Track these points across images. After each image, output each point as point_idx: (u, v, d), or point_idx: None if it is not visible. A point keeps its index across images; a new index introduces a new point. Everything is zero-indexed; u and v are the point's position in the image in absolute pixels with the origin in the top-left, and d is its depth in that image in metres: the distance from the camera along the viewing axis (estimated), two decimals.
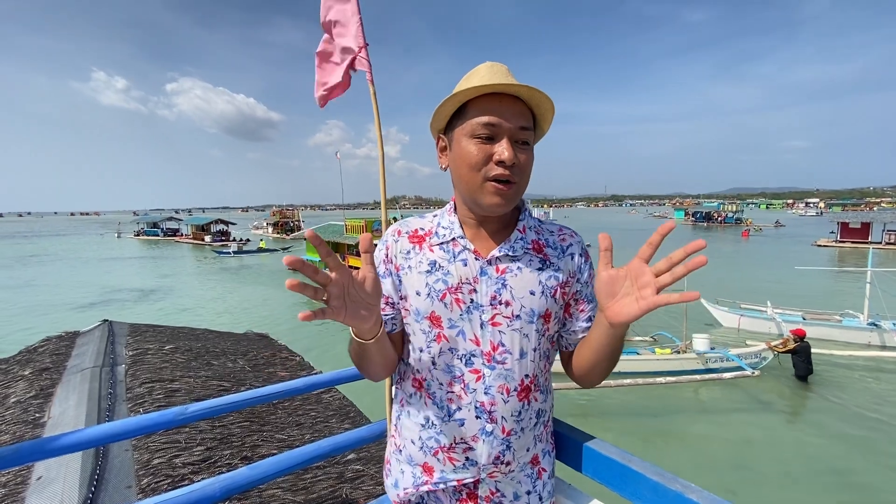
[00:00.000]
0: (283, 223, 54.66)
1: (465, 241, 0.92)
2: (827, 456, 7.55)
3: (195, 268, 30.82)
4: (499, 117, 0.83)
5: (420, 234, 0.96)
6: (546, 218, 6.14)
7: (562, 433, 1.13)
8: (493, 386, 0.90)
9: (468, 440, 0.91)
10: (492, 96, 0.85)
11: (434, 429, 0.93)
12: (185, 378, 2.76)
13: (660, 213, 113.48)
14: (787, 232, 52.18)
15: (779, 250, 34.28)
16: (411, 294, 0.93)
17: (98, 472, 1.87)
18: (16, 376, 2.62)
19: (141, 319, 16.29)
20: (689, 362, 10.27)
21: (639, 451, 7.61)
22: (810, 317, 13.13)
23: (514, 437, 0.92)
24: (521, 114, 0.85)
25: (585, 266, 0.98)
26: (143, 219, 62.87)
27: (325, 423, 2.74)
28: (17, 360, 2.90)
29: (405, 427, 0.99)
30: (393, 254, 0.95)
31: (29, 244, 54.78)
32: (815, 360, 10.36)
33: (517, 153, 0.84)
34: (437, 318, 0.90)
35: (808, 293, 18.74)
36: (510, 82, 0.82)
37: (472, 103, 0.86)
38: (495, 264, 0.91)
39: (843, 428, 8.36)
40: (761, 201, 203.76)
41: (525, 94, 0.84)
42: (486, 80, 0.85)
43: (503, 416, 0.90)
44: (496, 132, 0.84)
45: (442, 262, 0.92)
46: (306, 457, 1.56)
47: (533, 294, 0.91)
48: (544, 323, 0.93)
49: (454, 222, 0.95)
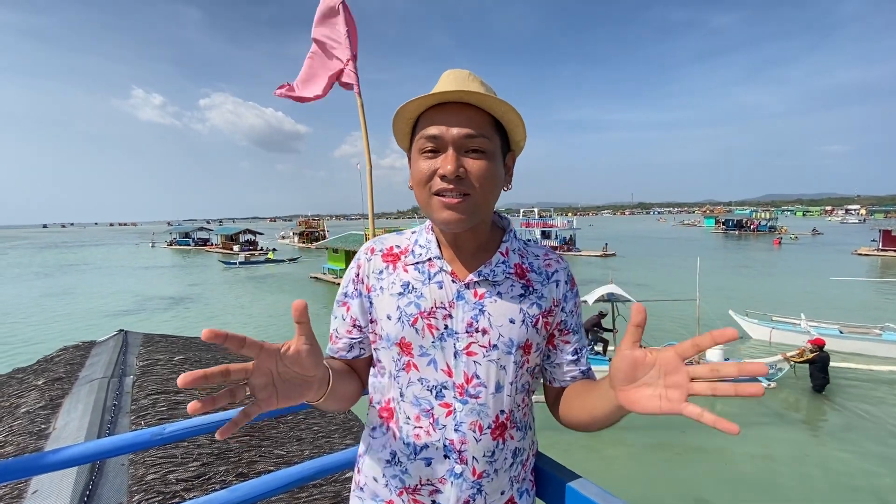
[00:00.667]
0: (308, 233, 55.90)
1: (442, 262, 0.86)
2: (853, 472, 7.20)
3: (222, 277, 31.76)
4: (441, 128, 0.78)
5: (395, 253, 0.90)
6: (570, 227, 5.89)
7: (543, 469, 1.04)
8: (465, 422, 0.83)
9: (435, 482, 0.83)
10: (438, 107, 0.79)
11: (399, 466, 0.85)
12: (191, 390, 2.76)
13: (690, 221, 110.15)
14: (825, 240, 49.94)
15: (815, 259, 32.82)
16: (382, 318, 0.86)
17: (91, 488, 1.87)
18: (29, 386, 2.68)
19: (167, 327, 16.86)
20: None
21: (657, 465, 7.61)
22: (847, 330, 12.41)
23: (485, 479, 0.84)
24: (470, 120, 0.78)
25: (571, 294, 0.91)
26: (176, 229, 65.39)
27: (327, 439, 2.69)
28: (34, 370, 2.98)
29: (369, 463, 0.91)
30: (365, 273, 0.89)
31: (70, 253, 57.76)
32: (852, 375, 10.05)
33: (465, 162, 0.78)
34: (408, 345, 0.84)
35: (846, 305, 17.74)
36: (456, 89, 0.76)
37: (423, 116, 0.81)
38: (473, 288, 0.84)
39: (868, 444, 7.96)
40: (797, 208, 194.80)
41: (474, 99, 0.77)
42: (438, 90, 0.79)
43: (474, 457, 0.83)
44: (440, 144, 0.78)
45: (416, 284, 0.85)
46: (302, 475, 1.50)
47: (513, 322, 0.84)
48: (524, 354, 0.85)
49: (431, 241, 0.88)
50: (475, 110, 0.79)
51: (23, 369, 3.08)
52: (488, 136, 0.79)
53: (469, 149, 0.78)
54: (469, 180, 0.78)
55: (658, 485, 7.10)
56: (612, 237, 52.13)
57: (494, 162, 0.81)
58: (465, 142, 0.78)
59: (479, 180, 0.79)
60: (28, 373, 2.96)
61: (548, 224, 43.16)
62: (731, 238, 56.61)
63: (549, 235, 42.23)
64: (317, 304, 20.14)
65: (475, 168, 0.78)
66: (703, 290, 21.01)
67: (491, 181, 0.80)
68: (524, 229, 44.25)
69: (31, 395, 2.57)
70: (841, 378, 10.45)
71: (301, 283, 28.02)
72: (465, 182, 0.78)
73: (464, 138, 0.77)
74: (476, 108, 0.79)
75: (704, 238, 57.85)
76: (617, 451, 8.10)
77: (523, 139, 0.87)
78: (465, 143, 0.78)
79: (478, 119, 0.79)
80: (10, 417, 2.37)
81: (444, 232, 0.87)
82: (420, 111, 0.81)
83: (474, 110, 0.79)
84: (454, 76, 0.82)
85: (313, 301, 21.88)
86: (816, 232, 58.69)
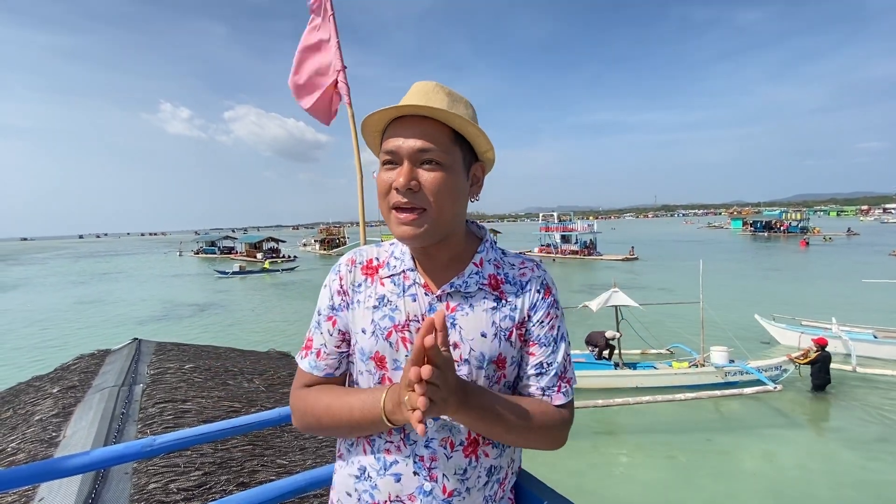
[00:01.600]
0: (329, 240, 56.71)
1: (416, 275, 0.86)
2: (855, 470, 7.16)
3: (244, 284, 32.52)
4: (396, 142, 0.79)
5: (374, 265, 0.90)
6: (590, 230, 5.81)
7: (524, 488, 1.00)
8: (436, 439, 0.81)
9: (404, 498, 0.82)
10: (399, 120, 0.81)
11: (369, 481, 0.84)
12: (198, 398, 2.80)
13: (717, 224, 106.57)
14: (861, 241, 47.61)
15: (849, 261, 31.24)
16: (357, 332, 0.86)
17: (93, 496, 1.90)
18: (45, 394, 2.77)
19: (190, 334, 17.27)
20: (707, 376, 9.85)
21: (666, 470, 7.49)
22: (883, 335, 11.77)
23: (456, 497, 0.82)
24: (425, 134, 0.78)
25: (543, 303, 0.87)
26: (203, 238, 67.86)
27: (331, 449, 2.68)
28: (50, 378, 3.07)
29: (340, 480, 0.90)
30: (347, 285, 0.89)
31: (104, 262, 60.20)
32: (888, 382, 9.80)
33: (420, 175, 0.78)
34: (382, 359, 0.83)
35: (881, 309, 16.79)
36: (414, 104, 0.77)
37: (387, 129, 0.83)
38: (446, 300, 0.84)
39: (870, 441, 7.89)
40: (831, 208, 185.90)
41: (427, 112, 0.78)
42: (402, 103, 0.81)
43: (444, 474, 0.81)
44: (396, 157, 0.79)
45: (391, 297, 0.85)
46: (300, 485, 1.49)
47: (484, 336, 0.82)
48: (497, 369, 0.84)
49: (406, 253, 0.89)
50: (433, 123, 0.79)
51: (40, 377, 3.19)
52: (444, 149, 0.79)
53: (424, 160, 0.78)
54: (423, 193, 0.78)
55: (659, 490, 7.01)
56: (635, 241, 51.11)
57: (452, 174, 0.80)
58: (419, 154, 0.78)
59: (433, 193, 0.78)
60: (45, 381, 3.06)
61: (567, 228, 42.28)
62: (759, 240, 54.72)
63: (568, 239, 41.41)
64: None
65: (429, 180, 0.78)
66: (729, 294, 20.36)
67: (447, 193, 0.79)
68: (544, 234, 43.79)
69: (46, 402, 2.65)
70: (874, 386, 10.06)
71: (315, 288, 28.63)
72: (419, 195, 0.78)
73: (418, 151, 0.78)
74: (435, 120, 0.79)
75: (731, 240, 56.01)
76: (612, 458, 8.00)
77: (489, 150, 0.86)
78: (420, 156, 0.78)
79: (434, 132, 0.79)
80: (24, 425, 2.45)
81: None
82: (384, 124, 0.83)
83: (432, 123, 0.79)
84: (420, 88, 0.83)
85: None
86: (852, 233, 56.01)
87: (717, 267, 29.98)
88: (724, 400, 9.38)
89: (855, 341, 11.38)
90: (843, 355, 11.50)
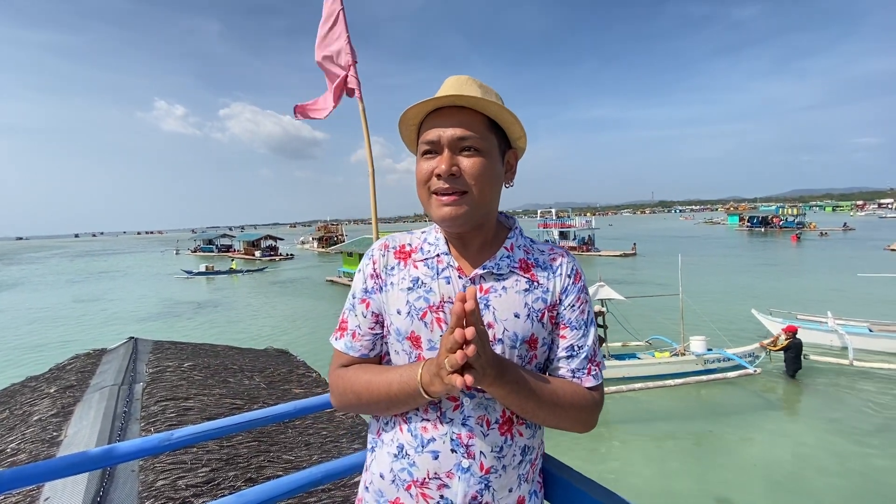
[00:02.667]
0: (327, 238, 56.47)
1: (450, 258, 0.89)
2: (825, 448, 7.82)
3: (241, 282, 32.38)
4: (436, 132, 0.83)
5: (406, 250, 0.93)
6: (588, 227, 5.93)
7: (550, 471, 1.00)
8: (472, 416, 0.83)
9: (442, 476, 0.83)
10: (436, 112, 0.85)
11: (407, 459, 0.85)
12: (200, 396, 2.78)
13: (714, 220, 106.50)
14: (856, 235, 48.14)
15: (844, 256, 31.59)
16: (392, 312, 0.89)
17: (102, 494, 1.87)
18: (42, 394, 2.73)
19: (188, 332, 17.25)
20: (688, 364, 10.57)
21: (658, 454, 7.91)
22: (878, 328, 11.91)
23: (493, 475, 0.84)
24: (462, 123, 0.83)
25: (573, 288, 0.91)
26: (200, 236, 67.25)
27: (336, 443, 2.67)
28: (46, 378, 3.03)
29: (377, 459, 0.91)
30: (380, 268, 0.92)
31: (101, 261, 59.67)
32: (885, 375, 10.15)
33: (460, 161, 0.83)
34: (417, 339, 0.86)
35: (876, 302, 17.05)
36: (454, 94, 0.81)
37: (424, 122, 0.87)
38: (479, 283, 0.87)
39: (840, 422, 8.62)
40: (827, 203, 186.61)
41: (465, 102, 0.82)
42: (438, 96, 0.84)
43: (482, 451, 0.83)
44: (437, 146, 0.84)
45: (425, 280, 0.88)
46: (310, 479, 1.47)
47: (517, 317, 0.85)
48: (529, 349, 0.87)
49: (440, 238, 0.92)
50: (469, 112, 0.83)
51: (35, 377, 3.14)
52: (482, 136, 0.83)
53: (463, 147, 0.83)
54: (464, 178, 0.82)
55: (653, 474, 7.38)
56: (633, 237, 51.29)
57: (490, 159, 0.84)
58: (458, 142, 0.82)
59: (473, 177, 0.82)
60: (41, 381, 3.02)
61: (566, 225, 42.41)
62: (755, 235, 55.14)
63: (567, 236, 41.54)
64: (336, 305, 21.19)
65: (469, 165, 0.82)
66: (726, 289, 20.63)
67: (486, 177, 0.84)
68: (542, 230, 43.80)
69: (44, 402, 2.61)
70: (870, 378, 10.28)
71: (318, 286, 28.88)
72: (459, 180, 0.82)
73: (457, 139, 0.82)
74: (471, 110, 0.84)
75: (728, 236, 56.44)
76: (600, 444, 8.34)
77: (522, 137, 0.91)
78: (459, 144, 0.82)
79: (471, 121, 0.83)
80: (22, 425, 2.41)
81: (450, 232, 0.91)
82: (421, 117, 0.87)
83: (468, 113, 0.83)
84: (454, 81, 0.87)
85: (331, 303, 22.93)
86: (848, 227, 56.38)
87: (713, 262, 30.14)
88: (708, 385, 10.07)
89: (850, 335, 11.49)
90: (840, 348, 11.65)
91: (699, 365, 10.54)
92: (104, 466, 1.39)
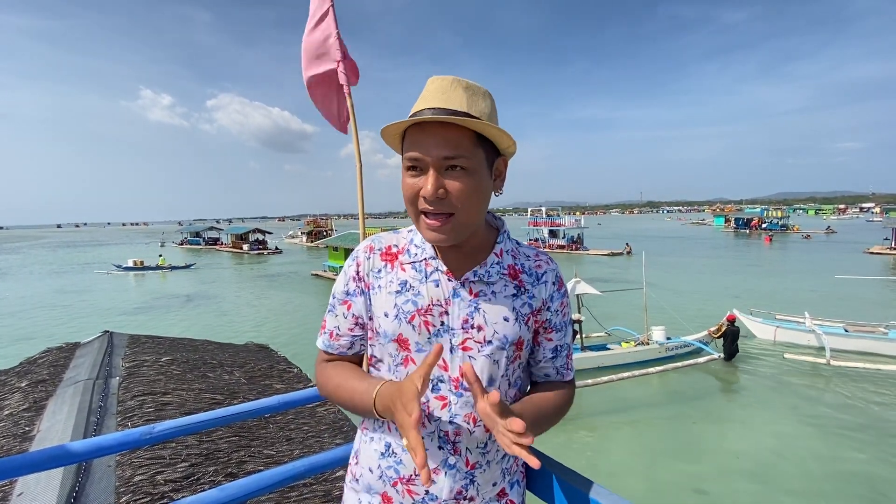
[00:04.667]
0: (317, 232, 55.94)
1: (438, 262, 0.89)
2: (759, 421, 8.94)
3: (229, 276, 31.95)
4: (420, 150, 0.79)
5: (393, 252, 0.93)
6: (577, 225, 6.03)
7: None
8: (459, 414, 0.86)
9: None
10: (416, 126, 0.80)
11: (394, 457, 0.88)
12: (178, 391, 2.74)
13: (701, 220, 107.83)
14: (839, 238, 49.47)
15: (825, 258, 32.45)
16: (379, 315, 0.89)
17: (77, 490, 1.84)
18: (12, 388, 2.66)
19: (174, 325, 16.98)
20: (653, 352, 11.70)
21: (630, 440, 8.44)
22: (853, 329, 12.30)
23: (478, 470, 0.88)
24: (447, 142, 0.78)
25: (558, 294, 0.95)
26: (187, 229, 65.84)
27: (317, 439, 2.66)
28: (17, 372, 2.95)
29: (364, 454, 0.93)
30: (364, 272, 0.92)
31: (84, 253, 57.98)
32: (860, 374, 10.64)
33: (446, 182, 0.79)
34: (405, 341, 0.87)
35: (853, 303, 17.68)
36: (436, 105, 0.79)
37: (408, 132, 0.82)
38: (468, 287, 0.88)
39: (768, 399, 9.86)
40: (810, 206, 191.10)
41: (449, 121, 0.77)
42: (421, 105, 0.81)
43: (468, 448, 0.87)
44: (421, 164, 0.80)
45: (413, 283, 0.88)
46: (290, 474, 1.47)
47: (507, 320, 0.88)
48: (516, 350, 0.90)
49: (427, 241, 0.92)
50: (455, 128, 0.78)
51: (5, 371, 3.05)
52: (468, 154, 0.79)
53: (447, 167, 0.79)
54: (450, 200, 0.79)
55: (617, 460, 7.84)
56: (622, 236, 51.85)
57: (477, 177, 0.81)
58: (443, 162, 0.78)
59: (460, 200, 0.80)
60: (10, 375, 2.94)
61: (555, 223, 42.74)
62: (740, 237, 56.23)
63: (556, 234, 41.88)
64: (321, 299, 21.98)
65: (456, 188, 0.79)
66: (709, 289, 21.19)
67: (473, 197, 0.81)
68: (532, 228, 44.02)
69: (14, 397, 2.54)
70: (841, 373, 10.72)
71: (304, 280, 28.88)
72: (445, 202, 0.79)
73: (442, 160, 0.78)
74: (455, 126, 0.80)
75: (714, 237, 57.53)
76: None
77: (511, 145, 0.87)
78: (445, 164, 0.79)
79: (456, 137, 0.78)
80: None
81: None
82: (403, 129, 0.83)
83: (454, 128, 0.78)
84: (438, 85, 0.81)
85: (316, 297, 23.10)
86: (830, 230, 57.68)
87: (698, 262, 30.67)
88: (678, 372, 11.07)
89: (827, 335, 11.83)
90: (817, 348, 12.01)
91: (662, 352, 11.67)
92: (85, 460, 1.37)
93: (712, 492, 6.74)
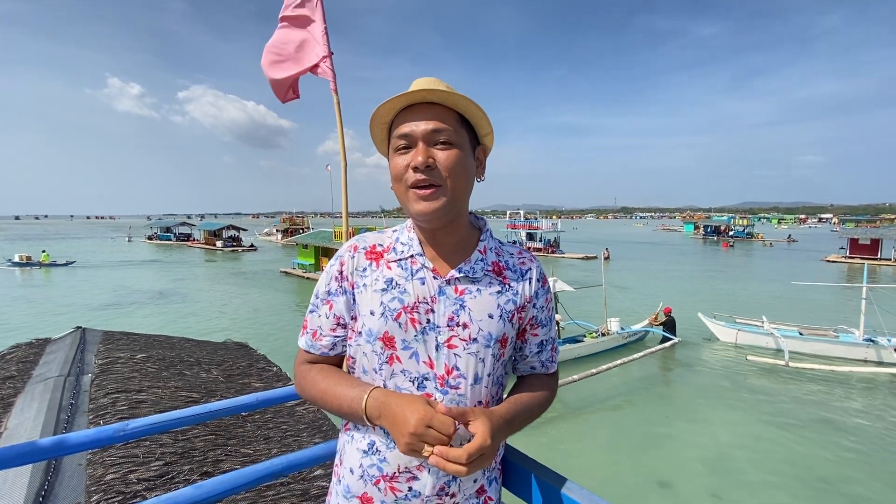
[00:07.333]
0: (293, 230, 54.97)
1: (424, 259, 0.90)
2: (692, 398, 10.40)
3: (202, 272, 31.05)
4: (410, 126, 0.85)
5: (378, 251, 0.94)
6: (554, 229, 6.18)
7: (509, 460, 1.07)
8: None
9: (413, 469, 0.87)
10: (407, 109, 0.86)
11: (377, 455, 0.88)
12: (154, 389, 2.69)
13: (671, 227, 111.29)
14: (799, 247, 51.78)
15: (786, 265, 34.03)
16: (365, 313, 0.90)
17: (46, 488, 1.81)
18: None
19: (146, 322, 16.38)
20: (616, 340, 13.22)
21: (598, 434, 8.81)
22: (807, 332, 12.99)
23: None
24: (436, 117, 0.85)
25: (542, 291, 0.98)
26: (156, 224, 63.99)
27: (296, 438, 2.66)
28: None
29: (347, 453, 0.94)
30: (349, 271, 0.92)
31: (45, 246, 55.20)
32: (815, 375, 11.27)
33: (435, 154, 0.84)
34: (391, 339, 0.87)
35: (808, 308, 18.74)
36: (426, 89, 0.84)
37: (395, 119, 0.88)
38: (454, 284, 0.89)
39: (703, 383, 11.26)
40: (773, 216, 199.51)
41: (437, 97, 0.85)
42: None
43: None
44: (411, 141, 0.85)
45: (399, 280, 0.89)
46: (267, 472, 1.47)
47: (491, 317, 0.90)
48: (500, 347, 0.92)
49: (413, 239, 0.93)
50: (441, 108, 0.86)
51: None
52: (454, 129, 0.86)
53: (438, 141, 0.85)
54: (439, 170, 0.84)
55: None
56: (596, 241, 52.98)
57: (464, 152, 0.87)
58: (433, 135, 0.84)
59: (447, 169, 0.85)
60: None
61: (533, 226, 43.27)
62: (709, 244, 58.10)
63: (533, 237, 42.38)
64: (288, 297, 22.09)
65: (444, 158, 0.85)
66: (676, 293, 22.06)
67: (461, 170, 0.86)
68: (510, 231, 44.41)
69: None
70: (799, 374, 11.39)
71: (273, 277, 28.55)
72: (435, 172, 0.84)
73: (431, 132, 0.84)
74: (442, 105, 0.86)
75: (683, 243, 59.29)
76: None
77: (489, 133, 0.93)
78: (434, 137, 0.85)
79: (443, 115, 0.86)
80: None
81: (423, 230, 0.92)
82: (392, 115, 0.88)
83: (440, 108, 0.86)
84: (423, 82, 0.89)
85: (285, 294, 22.95)
86: (792, 239, 60.15)
87: (667, 267, 31.61)
88: (635, 370, 12.07)
89: (784, 338, 12.49)
90: (776, 350, 12.62)
91: (621, 340, 13.30)
92: (54, 457, 1.34)
93: (675, 484, 7.03)
